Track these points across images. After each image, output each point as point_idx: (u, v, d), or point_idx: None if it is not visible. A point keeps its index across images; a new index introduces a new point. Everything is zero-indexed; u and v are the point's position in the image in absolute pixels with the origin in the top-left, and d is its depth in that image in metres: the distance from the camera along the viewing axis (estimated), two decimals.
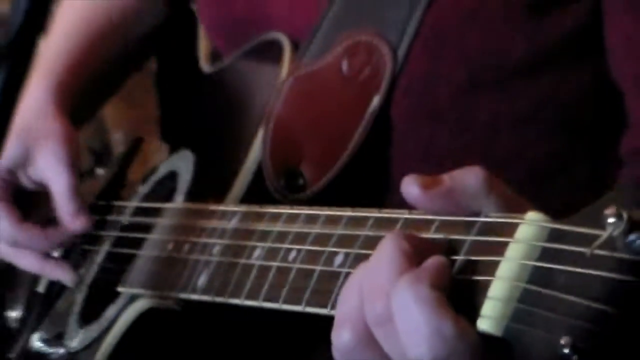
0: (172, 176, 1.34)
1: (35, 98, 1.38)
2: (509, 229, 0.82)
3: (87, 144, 1.51)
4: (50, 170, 1.35)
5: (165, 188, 1.34)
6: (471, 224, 0.88)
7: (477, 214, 0.87)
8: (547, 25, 1.19)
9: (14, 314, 1.46)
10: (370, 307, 0.82)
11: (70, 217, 1.33)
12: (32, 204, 1.40)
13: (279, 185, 1.19)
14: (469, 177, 0.87)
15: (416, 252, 0.85)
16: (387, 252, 0.86)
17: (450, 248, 0.87)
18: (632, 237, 0.69)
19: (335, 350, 0.86)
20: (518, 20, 1.18)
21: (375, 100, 1.16)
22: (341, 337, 0.84)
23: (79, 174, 1.36)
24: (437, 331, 0.77)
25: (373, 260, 0.87)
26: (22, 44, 1.03)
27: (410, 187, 0.88)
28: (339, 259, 0.99)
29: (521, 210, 0.83)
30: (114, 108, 1.56)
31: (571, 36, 1.19)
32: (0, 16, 1.46)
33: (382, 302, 0.81)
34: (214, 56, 1.38)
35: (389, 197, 1.14)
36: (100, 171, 1.49)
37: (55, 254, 1.39)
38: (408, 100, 1.18)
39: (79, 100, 1.43)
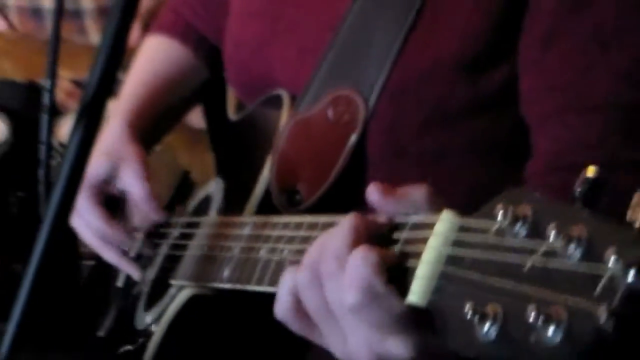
0: (207, 198, 1.39)
1: (116, 130, 1.44)
2: (432, 225, 0.86)
3: None
4: (131, 182, 1.41)
5: (204, 206, 1.40)
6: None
7: None
8: (482, 80, 1.21)
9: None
10: (325, 263, 0.88)
11: (148, 211, 1.41)
12: (117, 210, 1.45)
13: (282, 200, 1.23)
14: (417, 190, 0.92)
15: (367, 232, 0.91)
16: (346, 224, 0.92)
17: (392, 238, 0.92)
18: (517, 227, 0.75)
19: (291, 286, 0.92)
20: (461, 77, 1.21)
21: (353, 138, 1.20)
22: (299, 276, 0.90)
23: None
24: (371, 286, 0.82)
25: (336, 229, 0.92)
26: (96, 105, 1.05)
27: (373, 193, 0.93)
28: None
29: None
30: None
31: (501, 87, 1.21)
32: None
33: (335, 261, 0.86)
34: (239, 107, 1.43)
35: (364, 211, 1.10)
36: None
37: (131, 254, 1.44)
38: (378, 139, 1.21)
39: (147, 131, 1.48)
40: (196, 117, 1.68)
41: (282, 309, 0.95)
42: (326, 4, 1.30)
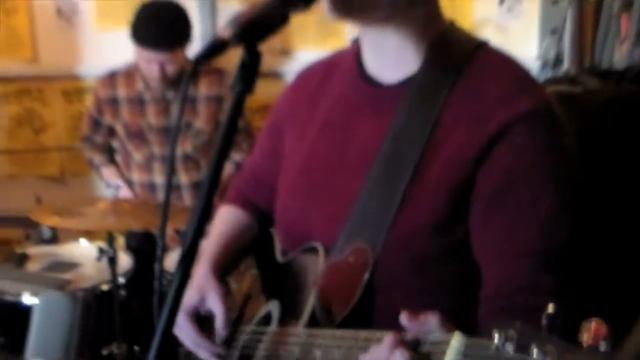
0: (268, 315, 1.38)
1: (202, 272, 1.45)
2: (447, 341, 0.91)
3: None
4: (214, 307, 1.41)
5: (266, 319, 1.38)
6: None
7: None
8: (448, 237, 1.21)
9: None
10: None
11: (225, 324, 1.40)
12: (206, 324, 1.43)
13: (322, 317, 1.23)
14: (432, 317, 0.96)
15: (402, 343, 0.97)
16: (388, 338, 0.99)
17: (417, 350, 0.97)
18: (507, 344, 0.81)
19: None
20: (434, 236, 1.20)
21: (366, 275, 1.20)
22: None
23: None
24: None
25: (383, 343, 0.99)
26: (190, 252, 1.05)
27: (404, 318, 0.97)
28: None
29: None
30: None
31: (460, 240, 1.21)
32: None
33: None
34: (284, 252, 1.43)
35: (375, 325, 1.16)
36: None
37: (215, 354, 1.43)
38: (382, 275, 1.21)
39: (221, 271, 1.48)
40: None
41: None
42: (344, 185, 1.30)
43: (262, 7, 1.10)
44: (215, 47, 1.06)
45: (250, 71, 1.07)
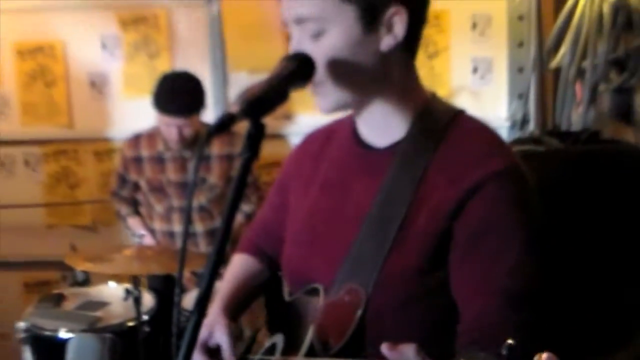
0: (273, 345, 1.37)
1: (214, 311, 1.44)
2: None
3: None
4: (221, 341, 1.40)
5: (270, 351, 1.37)
6: None
7: None
8: (430, 279, 1.22)
9: None
10: None
11: (231, 355, 1.39)
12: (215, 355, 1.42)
13: (319, 348, 1.23)
14: (409, 348, 0.94)
15: None
16: None
17: None
18: None
19: None
20: (418, 277, 1.22)
21: (359, 312, 1.21)
22: None
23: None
24: None
25: None
26: (205, 297, 1.08)
27: (385, 348, 0.95)
28: None
29: None
30: None
31: (441, 282, 1.21)
32: None
33: None
34: (290, 293, 1.42)
35: (367, 355, 1.18)
36: None
37: None
38: (372, 312, 1.22)
39: (232, 311, 1.47)
40: None
41: None
42: (342, 235, 1.31)
43: (265, 86, 1.14)
44: (226, 122, 1.09)
45: (255, 141, 1.10)
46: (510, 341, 0.83)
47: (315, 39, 1.20)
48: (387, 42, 1.22)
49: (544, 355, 0.81)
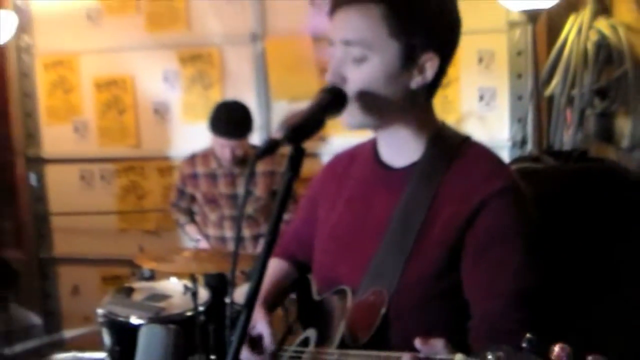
0: (307, 339, 1.35)
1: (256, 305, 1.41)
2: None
3: None
4: (263, 330, 1.38)
5: (304, 343, 1.35)
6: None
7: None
8: (444, 282, 1.20)
9: None
10: None
11: (270, 343, 1.36)
12: (255, 346, 1.39)
13: (349, 341, 1.21)
14: (439, 341, 0.95)
15: None
16: (406, 356, 0.98)
17: None
18: None
19: None
20: (433, 282, 1.19)
21: (383, 310, 1.19)
22: None
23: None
24: None
25: None
26: (253, 295, 1.07)
27: (417, 342, 0.95)
28: None
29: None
30: None
31: (454, 284, 1.19)
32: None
33: None
34: (318, 293, 1.39)
35: (392, 348, 1.14)
36: None
37: None
38: (394, 310, 1.19)
39: (270, 305, 1.45)
40: None
41: None
42: (365, 244, 1.28)
43: (305, 115, 1.13)
44: (270, 147, 1.09)
45: (296, 162, 1.10)
46: (530, 334, 0.81)
47: (357, 63, 1.17)
48: (417, 81, 1.20)
49: (557, 346, 0.80)
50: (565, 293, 1.49)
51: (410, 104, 1.23)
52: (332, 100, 1.17)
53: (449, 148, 1.25)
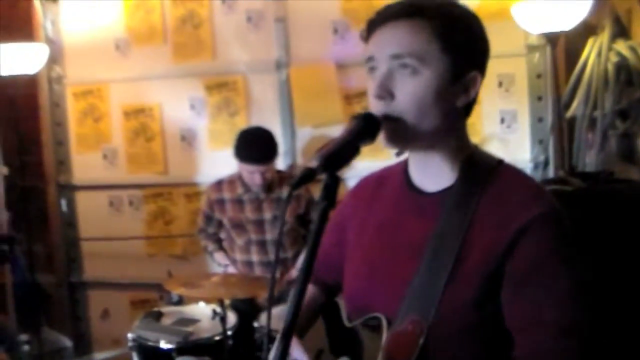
0: None
1: None
2: None
3: None
4: (300, 357, 1.32)
5: None
6: None
7: None
8: (483, 311, 1.14)
9: None
10: None
11: None
12: None
13: None
14: None
15: None
16: None
17: None
18: None
19: None
20: (473, 309, 1.14)
21: (421, 340, 1.14)
22: None
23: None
24: None
25: None
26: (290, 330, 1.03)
27: None
28: None
29: None
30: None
31: (494, 313, 1.15)
32: None
33: None
34: (349, 319, 1.34)
35: None
36: None
37: None
38: (433, 340, 1.14)
39: (300, 330, 1.40)
40: None
41: None
42: (399, 270, 1.24)
43: (339, 142, 1.08)
44: (306, 176, 1.05)
45: (331, 191, 1.05)
46: None
47: (408, 76, 1.14)
48: (462, 99, 1.18)
49: None
50: (607, 319, 1.43)
51: (453, 123, 1.20)
52: (365, 127, 1.13)
53: (482, 172, 1.21)
